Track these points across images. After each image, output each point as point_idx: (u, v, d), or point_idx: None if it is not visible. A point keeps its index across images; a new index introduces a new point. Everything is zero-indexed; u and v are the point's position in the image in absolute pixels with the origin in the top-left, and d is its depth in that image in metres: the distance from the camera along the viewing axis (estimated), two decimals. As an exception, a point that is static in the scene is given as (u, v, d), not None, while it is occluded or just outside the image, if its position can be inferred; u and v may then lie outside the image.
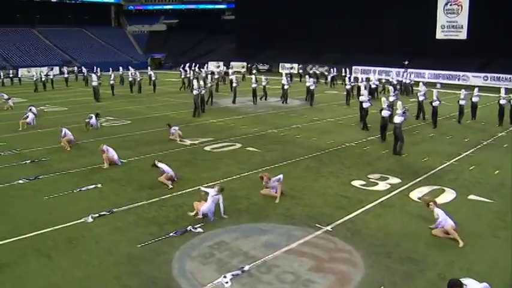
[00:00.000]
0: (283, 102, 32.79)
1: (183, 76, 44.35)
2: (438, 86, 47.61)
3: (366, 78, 37.83)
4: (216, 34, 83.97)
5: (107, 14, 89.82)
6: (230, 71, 48.14)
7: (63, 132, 19.28)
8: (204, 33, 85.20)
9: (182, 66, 54.28)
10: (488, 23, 49.07)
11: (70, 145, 19.04)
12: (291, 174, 15.18)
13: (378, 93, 34.99)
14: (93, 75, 39.12)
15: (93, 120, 23.17)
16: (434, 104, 23.82)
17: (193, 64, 55.76)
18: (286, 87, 32.93)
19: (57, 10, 79.35)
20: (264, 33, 70.29)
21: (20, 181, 14.39)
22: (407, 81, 40.88)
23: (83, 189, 13.59)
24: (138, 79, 41.45)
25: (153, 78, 41.12)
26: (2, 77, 52.00)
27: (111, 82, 39.00)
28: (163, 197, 12.88)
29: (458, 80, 50.83)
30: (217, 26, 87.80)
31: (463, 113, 25.64)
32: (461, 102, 25.39)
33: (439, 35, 55.72)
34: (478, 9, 50.83)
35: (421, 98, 26.07)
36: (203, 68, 53.11)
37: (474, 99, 26.23)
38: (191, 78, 39.38)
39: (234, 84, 34.36)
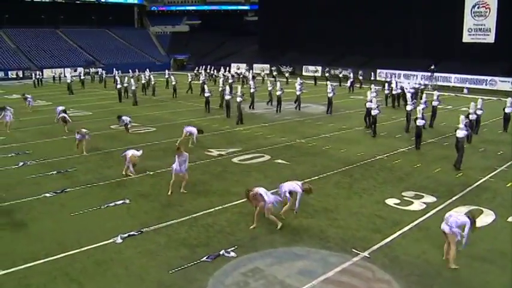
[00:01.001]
0: (296, 108, 32.21)
1: (190, 79, 43.00)
2: (465, 91, 46.63)
3: (401, 86, 36.68)
4: (239, 35, 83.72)
5: (130, 14, 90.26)
6: (250, 74, 47.23)
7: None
8: (226, 35, 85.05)
9: (197, 68, 53.57)
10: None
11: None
12: (322, 190, 14.78)
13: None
14: (118, 78, 39.30)
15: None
16: (471, 117, 22.35)
17: (209, 67, 55.22)
18: (298, 93, 32.23)
19: (81, 11, 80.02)
20: (288, 34, 69.78)
21: (47, 194, 14.21)
22: (416, 86, 39.67)
23: (111, 204, 13.34)
24: (153, 82, 40.93)
25: (173, 83, 40.10)
26: (34, 78, 52.47)
27: (124, 85, 38.51)
28: (194, 216, 12.54)
29: (486, 84, 49.60)
30: (240, 27, 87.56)
31: (479, 123, 24.54)
32: (479, 112, 24.25)
33: (466, 38, 54.41)
34: (507, 12, 49.53)
35: (425, 106, 25.17)
36: (219, 70, 52.17)
37: (507, 110, 25.26)
38: (201, 82, 38.54)
39: (251, 90, 33.45)
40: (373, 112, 23.65)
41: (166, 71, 49.64)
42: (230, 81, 40.86)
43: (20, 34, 70.96)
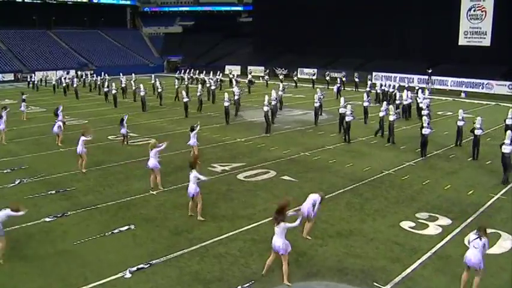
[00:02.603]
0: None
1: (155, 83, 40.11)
2: (462, 95, 46.27)
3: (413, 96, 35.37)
4: (233, 37, 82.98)
5: (122, 15, 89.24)
6: (234, 80, 46.36)
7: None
8: (220, 36, 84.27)
9: (178, 72, 51.91)
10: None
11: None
12: (334, 213, 14.26)
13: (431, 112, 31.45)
14: (113, 84, 38.38)
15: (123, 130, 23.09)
16: (476, 132, 21.01)
17: (192, 70, 53.92)
18: (273, 102, 29.33)
19: (73, 12, 78.82)
20: (283, 36, 69.05)
21: (47, 219, 13.49)
22: (391, 90, 39.18)
23: (115, 231, 12.66)
24: (134, 87, 38.89)
25: (158, 90, 37.71)
26: (36, 81, 50.92)
27: (105, 89, 37.98)
28: (204, 244, 11.91)
29: (482, 88, 49.40)
30: (234, 28, 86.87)
31: (462, 135, 23.35)
32: (460, 123, 23.29)
33: (462, 41, 54.25)
34: (503, 16, 49.34)
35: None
36: (202, 73, 50.94)
37: (508, 121, 24.12)
38: (177, 87, 36.85)
39: (235, 97, 32.25)
40: (347, 118, 23.85)
41: (153, 76, 46.06)
42: (213, 87, 39.01)
43: (11, 36, 69.79)
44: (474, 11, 53.17)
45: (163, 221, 13.44)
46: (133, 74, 45.48)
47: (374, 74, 55.89)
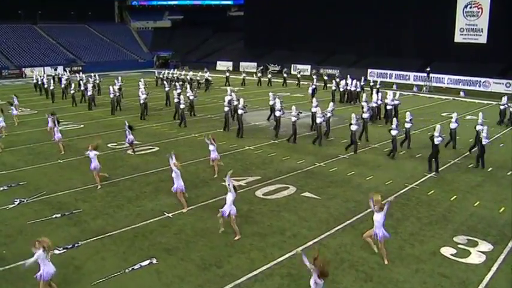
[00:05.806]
0: (224, 130, 27.27)
1: (119, 85, 36.69)
2: (462, 94, 45.57)
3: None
4: (223, 31, 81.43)
5: (110, 9, 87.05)
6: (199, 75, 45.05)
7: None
8: (210, 31, 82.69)
9: (163, 73, 50.14)
10: (510, 27, 47.02)
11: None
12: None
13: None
14: (89, 85, 36.57)
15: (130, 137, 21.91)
16: (436, 141, 19.28)
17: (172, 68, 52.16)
18: (226, 109, 27.13)
19: (60, 5, 76.15)
20: (275, 31, 67.79)
21: (56, 251, 11.99)
22: (353, 88, 38.35)
23: (136, 267, 11.33)
24: (89, 92, 35.43)
25: (116, 94, 34.00)
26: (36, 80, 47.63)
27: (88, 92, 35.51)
28: (238, 282, 10.73)
29: (479, 86, 48.95)
30: (224, 22, 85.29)
31: (410, 138, 23.33)
32: (407, 125, 22.92)
33: (458, 38, 53.64)
34: (499, 13, 48.78)
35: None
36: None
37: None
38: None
39: (181, 106, 28.61)
40: (318, 120, 23.80)
41: (119, 78, 41.24)
42: (178, 90, 34.77)
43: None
44: (470, 7, 52.58)
45: (187, 252, 12.17)
46: (96, 75, 43.34)
47: (369, 71, 55.17)
